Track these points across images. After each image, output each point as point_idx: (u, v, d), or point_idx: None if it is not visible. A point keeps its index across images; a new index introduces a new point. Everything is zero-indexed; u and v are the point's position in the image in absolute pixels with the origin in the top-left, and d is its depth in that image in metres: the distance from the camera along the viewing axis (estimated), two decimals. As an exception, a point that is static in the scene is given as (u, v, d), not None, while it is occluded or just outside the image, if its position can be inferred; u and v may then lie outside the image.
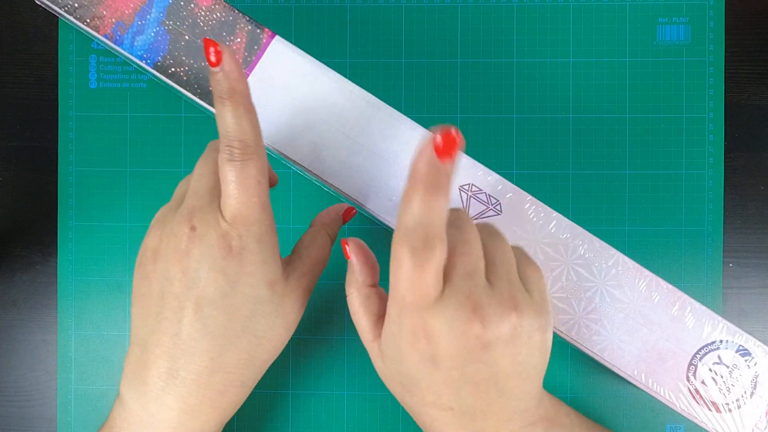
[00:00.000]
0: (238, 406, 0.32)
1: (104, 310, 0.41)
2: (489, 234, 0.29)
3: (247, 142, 0.27)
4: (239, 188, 0.27)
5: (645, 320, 0.34)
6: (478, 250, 0.28)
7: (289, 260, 0.33)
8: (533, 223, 0.34)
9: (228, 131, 0.27)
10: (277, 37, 0.36)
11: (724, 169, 0.42)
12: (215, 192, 0.28)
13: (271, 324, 0.30)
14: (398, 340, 0.28)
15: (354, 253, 0.32)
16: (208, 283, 0.28)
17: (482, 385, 0.28)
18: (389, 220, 0.35)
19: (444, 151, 0.24)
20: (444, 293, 0.26)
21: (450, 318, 0.26)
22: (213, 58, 0.27)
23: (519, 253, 0.30)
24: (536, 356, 0.28)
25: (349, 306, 0.32)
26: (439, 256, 0.25)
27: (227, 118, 0.27)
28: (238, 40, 0.36)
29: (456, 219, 0.28)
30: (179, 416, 0.29)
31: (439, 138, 0.24)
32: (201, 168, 0.29)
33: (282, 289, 0.30)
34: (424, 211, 0.25)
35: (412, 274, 0.25)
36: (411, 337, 0.27)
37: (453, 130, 0.24)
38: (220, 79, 0.27)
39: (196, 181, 0.29)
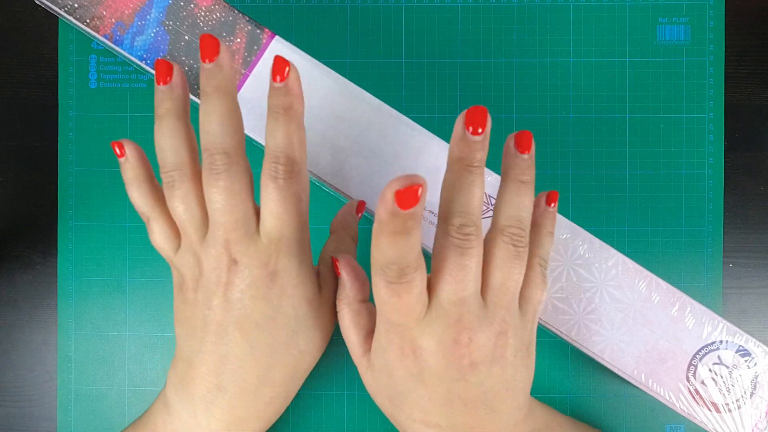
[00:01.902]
0: (281, 414, 0.32)
1: (104, 310, 0.42)
2: (510, 258, 0.28)
3: (294, 159, 0.27)
4: (281, 206, 0.27)
5: (645, 320, 0.34)
6: (477, 273, 0.27)
7: (317, 270, 0.33)
8: (533, 224, 0.34)
9: (277, 146, 0.27)
10: (277, 37, 0.36)
11: (724, 169, 0.42)
12: (249, 219, 0.28)
13: (311, 337, 0.31)
14: (387, 354, 0.29)
15: (344, 270, 0.32)
16: (254, 309, 0.28)
17: (471, 404, 0.28)
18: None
19: (404, 204, 0.22)
20: (432, 313, 0.27)
21: (438, 337, 0.27)
22: (277, 76, 0.27)
23: (535, 273, 0.29)
24: (522, 372, 0.29)
25: (340, 322, 0.32)
26: (418, 283, 0.25)
27: (279, 133, 0.27)
28: (238, 40, 0.36)
29: (463, 242, 0.26)
30: (227, 427, 0.30)
31: (398, 190, 0.22)
32: (228, 197, 0.27)
33: (318, 303, 0.31)
34: (393, 252, 0.24)
35: (392, 302, 0.26)
36: (398, 353, 0.28)
37: (418, 188, 0.22)
38: (281, 93, 0.27)
39: (226, 214, 0.27)
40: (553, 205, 0.31)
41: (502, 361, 0.28)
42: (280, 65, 0.27)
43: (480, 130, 0.25)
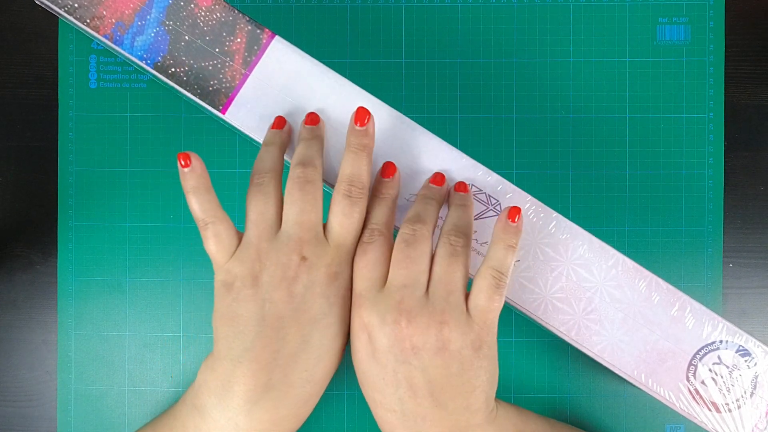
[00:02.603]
0: (310, 414, 0.33)
1: (104, 310, 0.42)
2: (447, 256, 0.32)
3: (365, 184, 0.32)
4: (350, 217, 0.32)
5: (645, 320, 0.34)
6: (422, 266, 0.31)
7: None
8: (533, 224, 0.34)
9: (353, 173, 0.32)
10: (277, 37, 0.36)
11: (724, 169, 0.42)
12: (320, 226, 0.32)
13: (344, 338, 0.33)
14: (353, 333, 0.32)
15: None
16: (312, 305, 0.31)
17: (418, 391, 0.30)
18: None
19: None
20: (382, 293, 0.31)
21: (381, 314, 0.30)
22: (362, 123, 0.33)
23: (485, 282, 0.32)
24: (472, 372, 0.31)
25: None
26: (378, 243, 0.32)
27: (356, 164, 0.32)
28: (238, 40, 0.36)
29: (409, 237, 0.31)
30: (268, 428, 0.31)
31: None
32: (304, 203, 0.32)
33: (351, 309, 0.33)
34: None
35: (360, 258, 0.32)
36: (358, 329, 0.32)
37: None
38: (361, 135, 0.33)
39: (301, 215, 0.31)
40: (517, 218, 0.33)
41: (445, 353, 0.30)
42: (363, 114, 0.33)
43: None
